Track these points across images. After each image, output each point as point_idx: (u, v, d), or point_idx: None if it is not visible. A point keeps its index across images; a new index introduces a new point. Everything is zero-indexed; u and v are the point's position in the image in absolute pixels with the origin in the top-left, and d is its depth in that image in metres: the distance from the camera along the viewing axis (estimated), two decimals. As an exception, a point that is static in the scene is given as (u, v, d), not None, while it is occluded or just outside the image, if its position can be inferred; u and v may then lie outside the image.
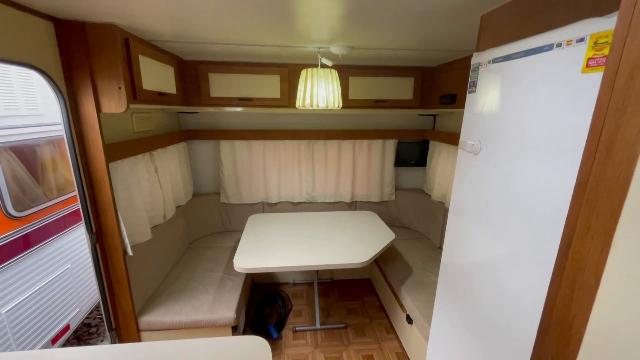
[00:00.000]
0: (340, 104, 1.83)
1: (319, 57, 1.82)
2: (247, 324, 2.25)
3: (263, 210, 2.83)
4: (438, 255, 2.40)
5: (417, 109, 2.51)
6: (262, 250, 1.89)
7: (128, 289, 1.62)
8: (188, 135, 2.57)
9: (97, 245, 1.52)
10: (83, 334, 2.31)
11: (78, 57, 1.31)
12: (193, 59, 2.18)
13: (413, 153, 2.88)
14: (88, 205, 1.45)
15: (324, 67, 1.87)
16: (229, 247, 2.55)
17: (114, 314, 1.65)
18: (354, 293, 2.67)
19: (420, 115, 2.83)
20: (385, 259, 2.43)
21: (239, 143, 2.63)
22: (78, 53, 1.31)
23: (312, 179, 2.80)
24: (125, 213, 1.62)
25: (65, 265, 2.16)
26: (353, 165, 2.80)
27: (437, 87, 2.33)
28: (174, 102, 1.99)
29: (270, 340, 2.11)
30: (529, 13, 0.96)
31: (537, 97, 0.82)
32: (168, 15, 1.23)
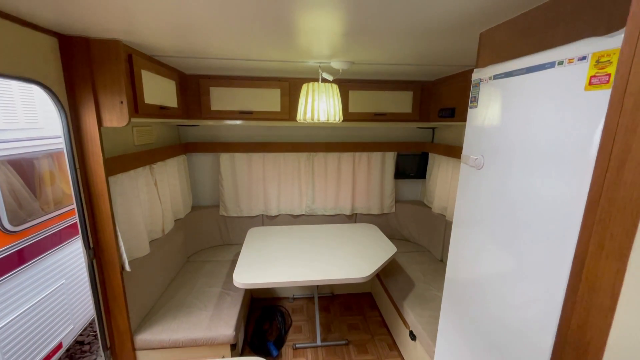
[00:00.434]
0: (341, 118, 1.84)
1: (320, 71, 1.85)
2: (246, 341, 2.19)
3: (262, 223, 2.80)
4: (440, 269, 2.37)
5: (416, 122, 2.53)
6: (262, 265, 1.86)
7: (124, 306, 1.58)
8: (188, 148, 2.56)
9: (94, 261, 1.48)
10: (76, 352, 2.23)
11: (81, 71, 1.32)
12: (194, 73, 2.20)
13: (413, 165, 2.89)
14: (86, 220, 1.43)
15: (325, 81, 1.89)
16: (228, 260, 2.51)
17: (109, 332, 1.60)
18: (355, 308, 2.62)
19: (419, 128, 2.86)
20: (387, 273, 2.39)
21: (239, 156, 2.63)
22: (81, 68, 1.32)
23: (312, 192, 2.79)
24: (124, 227, 1.60)
25: (60, 281, 2.11)
26: (353, 178, 2.80)
27: (435, 100, 2.36)
28: (175, 115, 2.00)
29: (270, 359, 2.05)
30: (528, 31, 0.98)
31: (540, 113, 0.83)
32: (171, 32, 1.25)
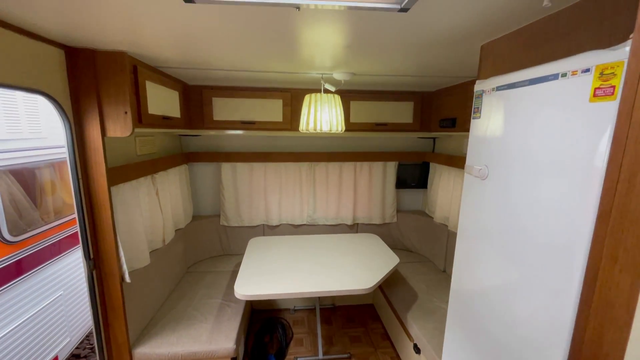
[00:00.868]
0: (343, 128, 1.85)
1: (322, 82, 1.87)
2: (246, 354, 2.14)
3: (263, 233, 2.78)
4: (443, 280, 2.35)
5: (417, 132, 2.54)
6: (263, 276, 1.84)
7: (123, 318, 1.55)
8: (189, 158, 2.57)
9: (93, 272, 1.46)
10: (72, 367, 2.18)
11: (86, 82, 1.33)
12: (197, 84, 2.22)
13: (414, 175, 2.89)
14: (87, 231, 1.41)
15: (327, 92, 1.91)
16: (228, 271, 2.48)
17: (107, 346, 1.57)
18: (357, 320, 2.58)
19: (420, 138, 2.87)
20: (389, 284, 2.36)
21: (241, 165, 2.63)
22: (86, 79, 1.33)
23: (313, 201, 2.78)
24: (125, 238, 1.58)
25: (58, 292, 2.08)
26: (354, 188, 2.80)
27: (436, 111, 2.38)
28: (178, 125, 2.01)
29: (271, 373, 2.00)
30: (529, 44, 1.00)
31: (544, 124, 0.83)
32: (176, 44, 1.27)
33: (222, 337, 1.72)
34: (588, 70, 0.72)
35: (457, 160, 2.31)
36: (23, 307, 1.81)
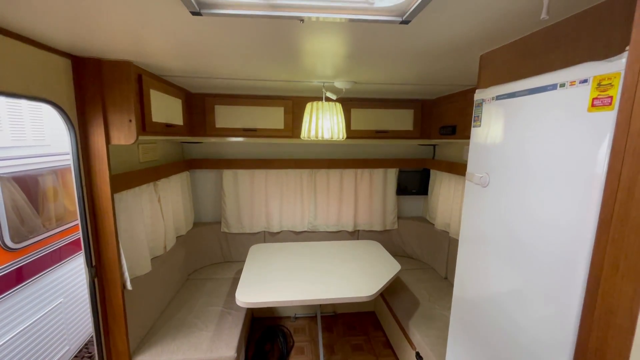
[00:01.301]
0: (345, 136, 1.86)
1: (324, 91, 1.89)
2: (246, 363, 2.12)
3: (264, 240, 2.78)
4: (445, 287, 2.34)
5: (417, 139, 2.56)
6: (264, 284, 1.83)
7: (124, 326, 1.54)
8: (191, 165, 2.58)
9: (95, 280, 1.46)
10: (70, 376, 2.15)
11: (92, 91, 1.35)
12: (200, 92, 2.24)
13: (414, 182, 2.90)
14: (90, 238, 1.42)
15: (329, 100, 1.93)
16: (229, 278, 2.47)
17: (107, 354, 1.55)
18: (359, 328, 2.56)
19: (421, 145, 2.89)
20: (390, 291, 2.35)
21: (242, 172, 2.64)
22: (92, 87, 1.35)
23: (314, 208, 2.79)
24: (127, 245, 1.58)
25: (58, 300, 2.07)
26: (355, 194, 2.80)
27: (436, 118, 2.40)
28: (181, 133, 2.03)
29: (272, 382, 1.98)
30: (528, 54, 1.02)
31: (544, 133, 0.85)
32: (180, 55, 1.29)
33: (222, 345, 1.70)
34: (586, 81, 0.73)
35: (457, 167, 2.33)
36: (23, 315, 1.80)
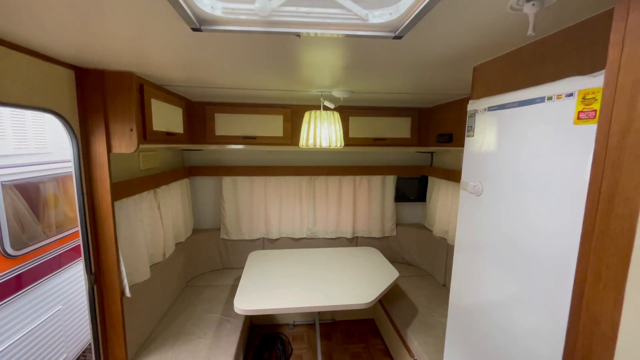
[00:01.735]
0: (342, 144, 1.89)
1: (322, 100, 1.92)
2: (244, 371, 2.11)
3: (263, 246, 2.79)
4: (443, 294, 2.34)
5: (415, 147, 2.59)
6: (263, 291, 1.84)
7: (122, 334, 1.54)
8: (191, 172, 2.61)
9: (94, 287, 1.47)
10: (67, 384, 2.14)
11: (94, 101, 1.38)
12: (201, 100, 2.28)
13: (412, 188, 2.92)
14: (90, 245, 1.43)
15: (327, 109, 1.96)
16: (228, 285, 2.48)
17: (105, 362, 1.56)
18: (357, 335, 2.55)
19: (418, 152, 2.92)
20: (389, 298, 2.35)
21: (241, 179, 2.66)
22: (95, 97, 1.38)
23: (313, 215, 2.80)
24: (126, 252, 1.60)
25: (57, 307, 2.07)
26: (354, 201, 2.82)
27: (433, 126, 2.44)
28: (181, 141, 2.05)
29: (270, 390, 1.97)
30: (518, 67, 1.05)
31: (533, 144, 0.87)
32: (182, 67, 1.33)
33: (221, 352, 1.70)
34: (571, 95, 0.76)
35: (455, 175, 2.35)
36: (21, 322, 1.81)
